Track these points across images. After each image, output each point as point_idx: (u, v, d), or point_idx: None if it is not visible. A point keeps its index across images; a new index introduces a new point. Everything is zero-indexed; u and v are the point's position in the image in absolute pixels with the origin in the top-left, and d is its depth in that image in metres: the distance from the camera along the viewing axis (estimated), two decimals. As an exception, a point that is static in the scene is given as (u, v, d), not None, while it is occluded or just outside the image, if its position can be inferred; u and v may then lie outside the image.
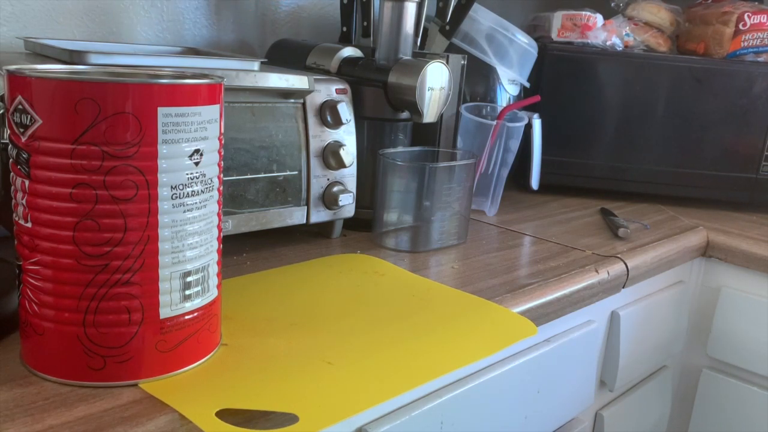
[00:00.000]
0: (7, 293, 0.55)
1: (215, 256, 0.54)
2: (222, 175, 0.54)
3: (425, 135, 1.00)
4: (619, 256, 0.92)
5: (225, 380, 0.52)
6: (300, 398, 0.50)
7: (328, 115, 0.83)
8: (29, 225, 0.48)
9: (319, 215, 0.84)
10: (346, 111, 0.84)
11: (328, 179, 0.84)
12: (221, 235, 0.55)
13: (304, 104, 0.82)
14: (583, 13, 1.26)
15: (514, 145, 1.07)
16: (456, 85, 0.99)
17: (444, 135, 1.02)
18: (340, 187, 0.85)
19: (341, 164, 0.84)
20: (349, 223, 0.90)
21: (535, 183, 1.15)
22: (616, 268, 0.89)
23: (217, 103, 0.51)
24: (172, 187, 0.48)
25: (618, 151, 1.25)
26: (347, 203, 0.85)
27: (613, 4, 1.33)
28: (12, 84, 0.46)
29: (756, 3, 1.31)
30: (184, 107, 0.48)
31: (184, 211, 0.49)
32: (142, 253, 0.48)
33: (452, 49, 1.07)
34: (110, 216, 0.46)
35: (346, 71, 0.93)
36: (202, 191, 0.51)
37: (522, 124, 1.07)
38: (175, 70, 0.61)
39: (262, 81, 0.77)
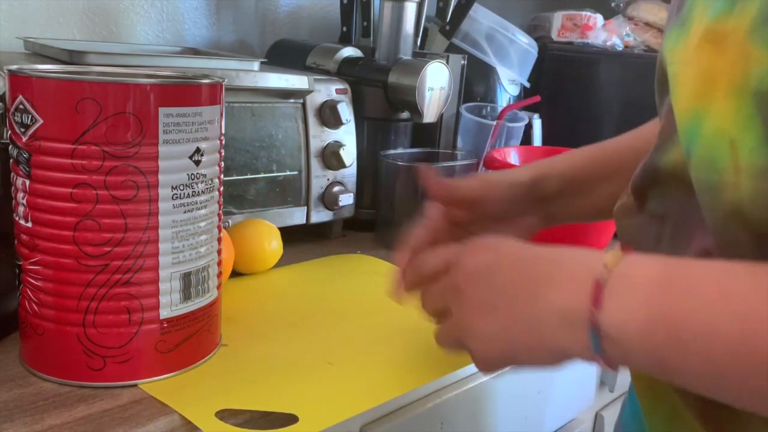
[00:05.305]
0: (7, 293, 0.55)
1: (215, 257, 0.54)
2: (222, 176, 0.54)
3: (425, 135, 1.00)
4: (619, 256, 0.91)
5: (225, 381, 0.52)
6: (300, 398, 0.50)
7: (329, 115, 0.83)
8: (29, 225, 0.48)
9: (319, 215, 0.84)
10: (346, 111, 0.83)
11: (328, 179, 0.84)
12: (221, 235, 0.55)
13: (304, 104, 0.82)
14: (583, 13, 1.26)
15: (514, 145, 1.07)
16: (456, 85, 0.99)
17: (444, 135, 1.02)
18: (340, 187, 0.85)
19: (341, 164, 0.83)
20: (349, 223, 0.90)
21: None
22: (616, 269, 0.88)
23: (218, 104, 0.51)
24: (172, 187, 0.48)
25: (618, 151, 1.25)
26: (347, 203, 0.85)
27: (613, 4, 1.33)
28: (13, 84, 0.46)
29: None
30: (185, 107, 0.48)
31: (185, 212, 0.49)
32: (143, 253, 0.48)
33: (452, 49, 1.07)
34: (111, 216, 0.46)
35: (346, 71, 0.93)
36: (203, 191, 0.51)
37: (522, 124, 1.07)
38: (176, 71, 0.61)
39: (262, 81, 0.77)
